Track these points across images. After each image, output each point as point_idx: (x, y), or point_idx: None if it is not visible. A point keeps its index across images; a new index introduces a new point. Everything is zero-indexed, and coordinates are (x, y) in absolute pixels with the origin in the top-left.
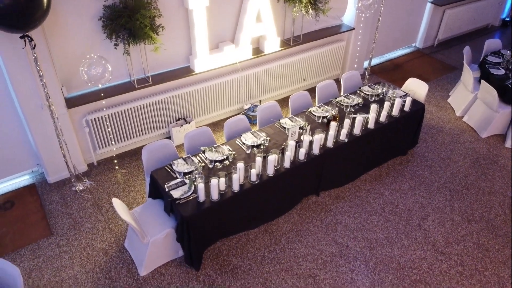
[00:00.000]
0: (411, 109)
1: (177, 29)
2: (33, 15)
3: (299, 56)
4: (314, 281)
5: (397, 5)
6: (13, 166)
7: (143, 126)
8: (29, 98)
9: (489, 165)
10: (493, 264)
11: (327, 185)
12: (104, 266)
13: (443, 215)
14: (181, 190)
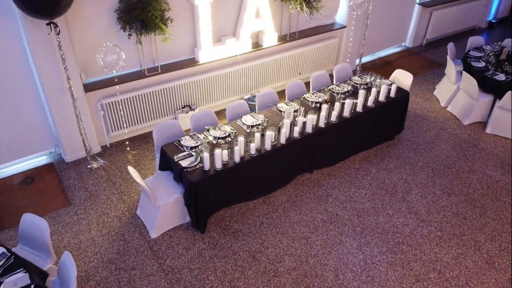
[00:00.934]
0: (397, 96)
1: (184, 23)
2: (60, 3)
3: (295, 51)
4: (307, 242)
5: (387, 5)
6: (33, 147)
7: (152, 111)
8: (51, 82)
9: (470, 148)
10: (470, 230)
11: (320, 163)
12: (118, 230)
13: (425, 189)
14: (188, 160)
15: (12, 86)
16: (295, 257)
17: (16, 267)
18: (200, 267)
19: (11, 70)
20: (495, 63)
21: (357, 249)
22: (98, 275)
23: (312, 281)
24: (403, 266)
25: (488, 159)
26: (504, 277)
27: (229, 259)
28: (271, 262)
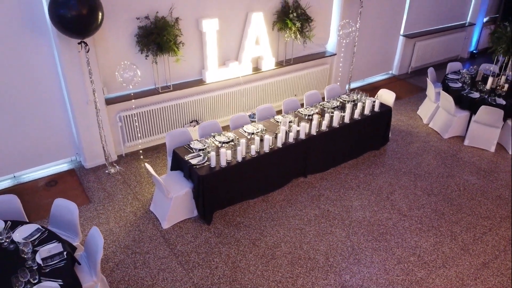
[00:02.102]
0: (380, 110)
1: (193, 47)
2: (91, 26)
3: (290, 75)
4: (301, 232)
5: (373, 36)
6: (57, 154)
7: (164, 125)
8: (77, 94)
9: (449, 157)
10: (447, 223)
11: (313, 169)
12: (134, 222)
13: (408, 190)
14: (197, 159)
15: (42, 98)
16: (290, 243)
17: (49, 239)
18: (207, 251)
19: (43, 83)
20: (470, 83)
21: (345, 237)
22: (116, 258)
23: (306, 262)
24: (386, 251)
25: (465, 167)
26: (477, 261)
27: (232, 245)
28: (269, 248)
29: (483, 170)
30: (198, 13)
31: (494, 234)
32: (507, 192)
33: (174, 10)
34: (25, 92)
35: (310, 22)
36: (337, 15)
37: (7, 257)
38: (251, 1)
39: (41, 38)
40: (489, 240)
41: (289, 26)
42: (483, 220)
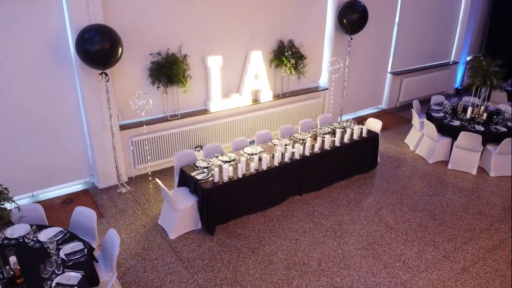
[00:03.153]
0: (368, 135)
1: (199, 80)
2: (112, 58)
3: (286, 106)
4: (296, 242)
5: (362, 72)
6: (73, 175)
7: (171, 149)
8: (95, 120)
9: (434, 179)
10: (430, 234)
11: (308, 188)
12: (143, 234)
13: (395, 207)
14: (202, 175)
15: (63, 123)
16: (286, 251)
17: (71, 240)
18: (210, 258)
19: (64, 110)
20: (452, 113)
21: (337, 246)
22: (127, 263)
23: (300, 267)
24: (374, 258)
25: (448, 187)
26: (457, 266)
27: (233, 252)
28: (267, 255)
29: (465, 190)
30: (204, 51)
31: (474, 244)
32: (487, 209)
33: (183, 48)
34: (48, 117)
35: (303, 59)
36: (328, 53)
37: (34, 254)
38: (251, 41)
39: (66, 69)
40: (469, 249)
41: (284, 63)
42: (463, 232)
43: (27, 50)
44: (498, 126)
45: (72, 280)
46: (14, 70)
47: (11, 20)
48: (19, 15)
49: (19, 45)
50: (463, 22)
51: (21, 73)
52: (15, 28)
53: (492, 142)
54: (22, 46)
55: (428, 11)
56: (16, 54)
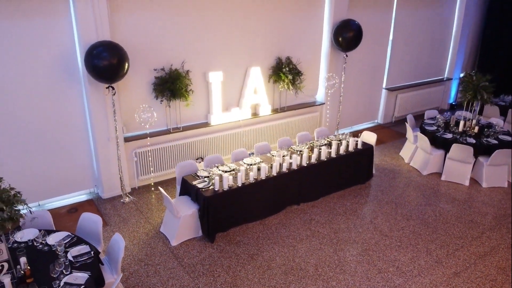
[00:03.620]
0: (363, 147)
1: (201, 95)
2: (119, 73)
3: (284, 120)
4: (294, 248)
5: (358, 88)
6: (78, 185)
7: (173, 161)
8: (101, 132)
9: (427, 190)
10: (424, 241)
11: (305, 198)
12: (146, 241)
13: (389, 216)
14: (203, 184)
15: (69, 135)
16: (284, 257)
17: (78, 243)
18: (210, 263)
19: (71, 122)
20: (444, 126)
21: (333, 253)
22: (131, 268)
23: (297, 272)
24: (369, 263)
25: (442, 197)
26: (449, 271)
27: (233, 258)
28: (265, 260)
29: (458, 200)
30: (205, 67)
31: (465, 250)
32: (479, 218)
33: (185, 64)
34: (56, 129)
35: (300, 75)
36: (324, 70)
37: (43, 256)
38: (250, 58)
39: (74, 83)
40: (460, 255)
41: (282, 79)
42: (455, 239)
43: (38, 65)
44: (489, 138)
45: (80, 280)
46: (26, 84)
47: (23, 37)
48: (31, 32)
49: (31, 61)
50: (456, 40)
51: (31, 87)
52: (27, 44)
53: (484, 154)
54: (33, 62)
55: (421, 30)
56: (28, 69)
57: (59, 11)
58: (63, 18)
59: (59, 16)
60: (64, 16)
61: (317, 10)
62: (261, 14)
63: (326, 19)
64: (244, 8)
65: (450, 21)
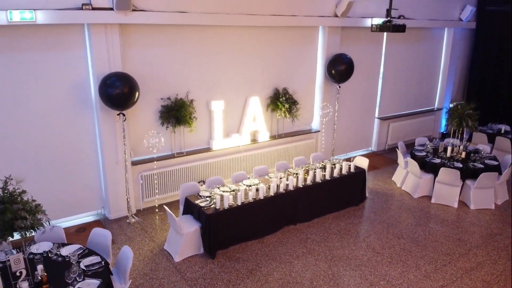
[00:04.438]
0: (355, 171)
1: (204, 122)
2: (130, 101)
3: (282, 146)
4: (291, 264)
5: (351, 117)
6: (86, 206)
7: (177, 183)
8: (110, 156)
9: (418, 211)
10: (413, 258)
11: (301, 218)
12: (150, 257)
13: (381, 235)
14: (205, 203)
15: (79, 159)
16: (281, 272)
17: (89, 254)
18: (211, 277)
19: (82, 146)
20: (433, 152)
21: (327, 268)
22: (137, 282)
23: (294, 285)
24: (361, 278)
25: (431, 218)
26: (437, 284)
27: (232, 273)
28: (263, 275)
29: (447, 221)
30: (208, 96)
31: (453, 266)
32: (466, 236)
33: (190, 94)
34: (68, 152)
35: (296, 104)
36: (319, 99)
37: (58, 265)
38: (250, 88)
39: (86, 110)
40: (448, 270)
41: (279, 107)
42: (444, 256)
43: (54, 93)
44: (476, 163)
45: (92, 286)
46: (42, 110)
47: (44, 67)
48: (50, 63)
49: (48, 88)
50: (444, 73)
51: (48, 112)
52: (47, 74)
53: (471, 178)
54: (51, 89)
55: (411, 63)
56: (45, 96)
57: (76, 45)
58: (79, 51)
59: (76, 49)
60: (80, 49)
61: (312, 45)
62: (260, 48)
63: (320, 53)
64: (244, 43)
65: (438, 55)
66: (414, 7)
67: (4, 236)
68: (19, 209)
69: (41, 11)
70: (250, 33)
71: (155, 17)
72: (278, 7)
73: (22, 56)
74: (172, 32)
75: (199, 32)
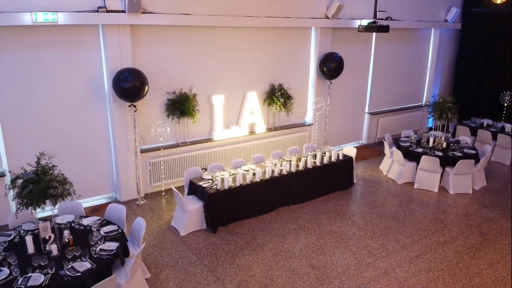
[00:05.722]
0: (344, 158)
1: (205, 114)
2: (140, 94)
3: (277, 138)
4: (283, 238)
5: (343, 112)
6: (99, 190)
7: (181, 170)
8: (121, 144)
9: (401, 195)
10: (393, 233)
11: (294, 200)
12: (159, 233)
13: (365, 214)
14: (207, 184)
15: (94, 146)
16: (274, 244)
17: (107, 224)
18: (213, 248)
19: (96, 135)
20: (416, 143)
21: (315, 240)
22: (147, 251)
23: (285, 253)
24: (345, 248)
25: (413, 201)
26: (412, 254)
27: (232, 244)
28: (259, 245)
29: (427, 203)
30: (210, 91)
31: (428, 239)
32: (443, 216)
33: (193, 88)
34: (83, 140)
35: (290, 99)
36: (312, 95)
37: (81, 232)
38: (248, 84)
39: (100, 102)
40: (423, 242)
41: (275, 102)
42: (421, 231)
43: (72, 86)
44: (455, 152)
45: (112, 247)
46: (60, 103)
47: (63, 63)
48: (69, 59)
49: (66, 83)
50: (432, 70)
51: (65, 105)
52: (64, 71)
53: (450, 165)
54: (68, 85)
55: (399, 62)
56: (62, 91)
57: (92, 43)
58: (95, 49)
59: (92, 47)
60: (95, 47)
61: (305, 44)
62: (257, 47)
63: (313, 52)
64: (242, 42)
65: (426, 54)
66: (401, 9)
67: (38, 202)
68: (51, 180)
69: (61, 13)
70: (248, 34)
71: (162, 19)
72: (273, 10)
73: (45, 53)
74: (177, 32)
75: (201, 32)
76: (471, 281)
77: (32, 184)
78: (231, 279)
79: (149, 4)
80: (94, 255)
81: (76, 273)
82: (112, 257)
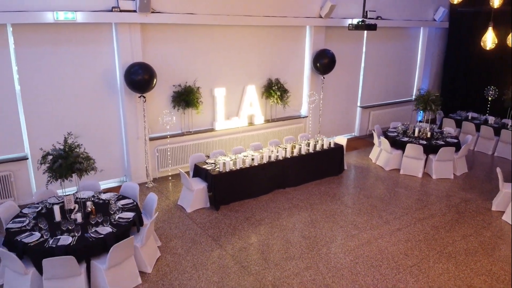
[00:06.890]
0: (335, 146)
1: (208, 106)
2: (149, 86)
3: (274, 128)
4: (278, 215)
5: (336, 105)
6: (112, 174)
7: (186, 157)
8: (132, 132)
9: (387, 180)
10: (378, 211)
11: (289, 183)
12: (167, 210)
13: (354, 196)
14: (210, 167)
15: (106, 134)
16: (270, 218)
17: (123, 199)
18: (216, 222)
19: (108, 123)
20: (403, 133)
21: (308, 217)
22: (157, 225)
23: (280, 227)
24: (333, 222)
25: (398, 185)
26: (393, 227)
27: (233, 219)
28: (257, 220)
29: (411, 186)
30: (212, 84)
31: (409, 216)
32: (425, 197)
33: (197, 82)
34: (97, 128)
35: (287, 93)
36: (306, 89)
37: (100, 205)
38: (247, 78)
39: (112, 94)
40: (404, 218)
41: (272, 95)
42: (403, 209)
43: (87, 79)
44: (438, 140)
45: (129, 215)
46: (77, 94)
47: (79, 58)
48: (85, 54)
49: (82, 76)
50: (421, 67)
51: (81, 96)
52: (81, 64)
53: (433, 153)
54: (83, 77)
55: (390, 58)
56: (78, 83)
57: (106, 40)
58: (108, 45)
59: (106, 43)
60: (109, 43)
61: (300, 41)
62: (256, 44)
63: (307, 49)
64: (242, 40)
65: (415, 51)
66: (391, 9)
67: (66, 175)
68: (77, 156)
69: (80, 12)
70: (247, 32)
71: (169, 18)
72: (271, 10)
73: (65, 48)
74: (183, 30)
75: (205, 30)
76: (444, 250)
77: (61, 159)
78: (232, 246)
79: (157, 4)
80: (114, 222)
81: (99, 235)
82: (129, 224)
